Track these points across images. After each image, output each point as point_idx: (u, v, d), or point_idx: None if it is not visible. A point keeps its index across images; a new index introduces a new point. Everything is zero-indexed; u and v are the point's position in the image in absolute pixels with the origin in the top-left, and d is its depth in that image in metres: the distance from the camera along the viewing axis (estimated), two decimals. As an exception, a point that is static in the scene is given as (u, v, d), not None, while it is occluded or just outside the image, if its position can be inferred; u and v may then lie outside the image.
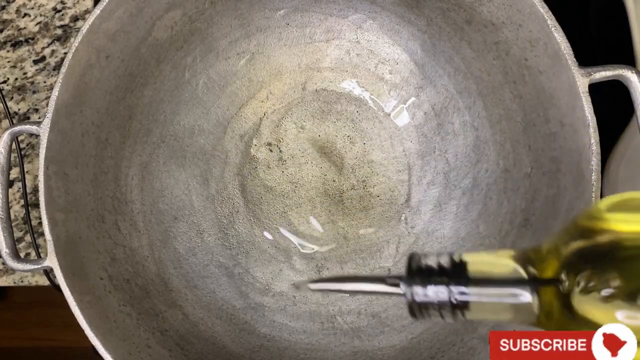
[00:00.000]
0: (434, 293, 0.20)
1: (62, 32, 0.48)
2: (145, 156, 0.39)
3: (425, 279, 0.21)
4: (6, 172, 0.33)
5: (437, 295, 0.20)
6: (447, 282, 0.20)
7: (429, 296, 0.21)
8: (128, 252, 0.37)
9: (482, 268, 0.21)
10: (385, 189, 0.41)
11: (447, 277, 0.20)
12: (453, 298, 0.20)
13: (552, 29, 0.30)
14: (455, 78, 0.39)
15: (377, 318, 0.38)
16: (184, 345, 0.36)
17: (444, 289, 0.20)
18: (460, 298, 0.20)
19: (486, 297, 0.20)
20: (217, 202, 0.41)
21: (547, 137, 0.33)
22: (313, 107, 0.42)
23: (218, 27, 0.40)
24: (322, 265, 0.41)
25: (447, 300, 0.20)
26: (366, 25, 0.41)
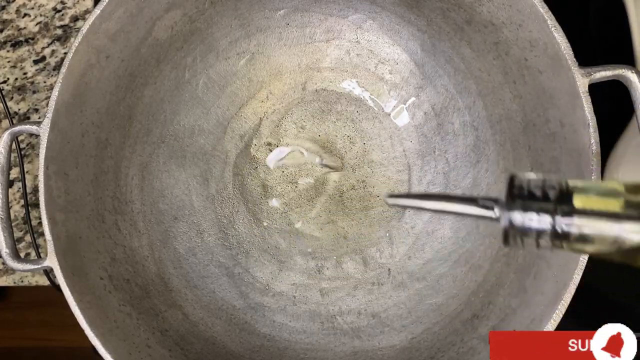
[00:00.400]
0: (537, 220, 0.19)
1: (62, 32, 0.48)
2: (145, 156, 0.39)
3: (528, 203, 0.19)
4: (6, 172, 0.33)
5: (539, 223, 0.19)
6: (552, 210, 0.19)
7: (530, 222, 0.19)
8: (128, 252, 0.37)
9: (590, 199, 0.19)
10: (385, 189, 0.41)
11: (552, 205, 0.19)
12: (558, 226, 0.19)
13: (552, 29, 0.30)
14: (455, 78, 0.39)
15: (377, 318, 0.38)
16: (184, 345, 0.36)
17: (547, 217, 0.19)
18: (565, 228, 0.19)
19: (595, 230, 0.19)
20: (217, 202, 0.41)
21: (547, 137, 0.33)
22: (313, 107, 0.42)
23: (218, 27, 0.40)
24: (322, 265, 0.41)
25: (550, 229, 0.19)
26: (366, 25, 0.41)
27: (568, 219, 0.19)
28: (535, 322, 0.29)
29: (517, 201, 0.20)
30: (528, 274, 0.33)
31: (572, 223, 0.19)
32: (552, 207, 0.19)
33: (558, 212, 0.19)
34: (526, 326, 0.30)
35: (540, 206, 0.19)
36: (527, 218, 0.19)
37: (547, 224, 0.19)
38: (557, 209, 0.19)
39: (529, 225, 0.19)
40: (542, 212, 0.19)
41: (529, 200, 0.20)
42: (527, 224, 0.19)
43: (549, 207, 0.19)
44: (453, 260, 0.38)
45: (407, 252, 0.40)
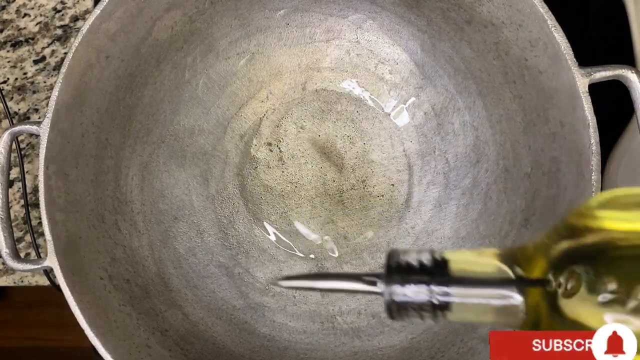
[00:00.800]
0: (413, 293, 0.19)
1: (62, 32, 0.48)
2: (145, 156, 0.39)
3: (405, 277, 0.19)
4: (6, 172, 0.33)
5: (417, 295, 0.19)
6: (428, 281, 0.19)
7: (408, 296, 0.19)
8: (128, 252, 0.37)
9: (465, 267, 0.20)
10: (385, 189, 0.41)
11: (428, 276, 0.19)
12: (434, 298, 0.19)
13: (552, 29, 0.30)
14: (455, 78, 0.39)
15: (377, 318, 0.38)
16: (184, 345, 0.36)
17: (424, 289, 0.19)
18: (441, 299, 0.19)
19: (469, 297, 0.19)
20: (217, 202, 0.41)
21: (547, 137, 0.33)
22: (313, 107, 0.42)
23: (218, 27, 0.40)
24: (322, 265, 0.41)
25: (427, 301, 0.19)
26: (366, 25, 0.41)
27: (443, 288, 0.19)
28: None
29: (395, 275, 0.19)
30: (528, 274, 0.33)
31: (447, 292, 0.19)
32: (427, 278, 0.19)
33: (433, 283, 0.19)
34: (526, 326, 0.30)
35: (416, 278, 0.19)
36: (405, 291, 0.19)
37: (425, 295, 0.19)
38: (432, 279, 0.19)
39: (408, 298, 0.19)
40: (419, 284, 0.19)
41: (407, 273, 0.19)
42: (406, 297, 0.19)
43: (425, 278, 0.19)
44: (453, 260, 0.38)
45: (407, 252, 0.40)
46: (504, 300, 0.19)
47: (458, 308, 0.19)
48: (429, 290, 0.19)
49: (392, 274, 0.20)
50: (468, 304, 0.19)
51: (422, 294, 0.19)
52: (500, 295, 0.19)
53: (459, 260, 0.20)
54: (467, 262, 0.20)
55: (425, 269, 0.20)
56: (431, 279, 0.19)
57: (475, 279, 0.19)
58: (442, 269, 0.20)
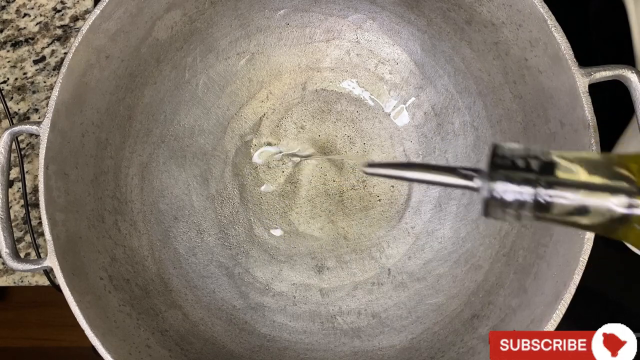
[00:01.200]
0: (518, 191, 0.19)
1: (62, 32, 0.48)
2: (145, 156, 0.39)
3: (511, 174, 0.19)
4: (6, 172, 0.33)
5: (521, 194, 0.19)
6: (534, 180, 0.19)
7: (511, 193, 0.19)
8: (128, 252, 0.37)
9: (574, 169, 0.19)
10: (385, 189, 0.41)
11: (534, 175, 0.19)
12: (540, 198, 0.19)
13: (552, 29, 0.30)
14: (455, 78, 0.39)
15: (377, 318, 0.38)
16: (184, 345, 0.36)
17: (529, 189, 0.19)
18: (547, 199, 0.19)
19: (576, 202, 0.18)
20: (217, 202, 0.41)
21: (547, 137, 0.33)
22: (313, 107, 0.42)
23: (218, 27, 0.40)
24: (322, 265, 0.41)
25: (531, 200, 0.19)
26: (366, 25, 0.41)
27: (550, 190, 0.19)
28: (535, 322, 0.29)
29: (499, 171, 0.19)
30: (528, 274, 0.33)
31: (554, 194, 0.19)
32: (534, 177, 0.19)
33: (540, 183, 0.19)
34: (526, 326, 0.30)
35: (522, 176, 0.19)
36: (508, 189, 0.19)
37: (528, 195, 0.19)
38: (539, 179, 0.19)
39: (511, 196, 0.19)
40: (524, 183, 0.19)
41: (511, 170, 0.19)
42: (509, 194, 0.19)
43: (531, 177, 0.19)
44: (453, 260, 0.38)
45: (407, 252, 0.40)
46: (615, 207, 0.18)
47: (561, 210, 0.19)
48: (534, 190, 0.19)
49: (496, 169, 0.19)
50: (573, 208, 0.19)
51: (525, 193, 0.19)
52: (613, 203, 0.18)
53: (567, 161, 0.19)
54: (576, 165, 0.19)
55: (531, 168, 0.19)
56: (538, 178, 0.19)
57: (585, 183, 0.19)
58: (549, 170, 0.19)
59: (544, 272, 0.31)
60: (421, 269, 0.39)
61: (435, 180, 0.20)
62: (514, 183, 0.19)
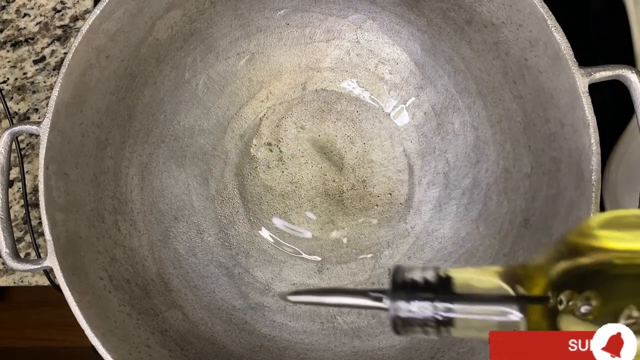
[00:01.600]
0: (418, 309, 0.20)
1: (62, 32, 0.48)
2: (145, 156, 0.39)
3: (410, 293, 0.20)
4: (6, 172, 0.33)
5: (421, 311, 0.20)
6: (432, 297, 0.20)
7: (413, 312, 0.20)
8: (128, 252, 0.37)
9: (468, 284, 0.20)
10: (385, 189, 0.41)
11: (432, 293, 0.20)
12: (438, 314, 0.20)
13: (552, 29, 0.30)
14: (455, 78, 0.39)
15: (377, 318, 0.38)
16: (184, 345, 0.36)
17: (428, 305, 0.20)
18: (445, 314, 0.20)
19: (472, 314, 0.20)
20: (217, 202, 0.41)
21: (547, 137, 0.33)
22: (313, 107, 0.42)
23: (218, 27, 0.40)
24: (322, 265, 0.41)
25: (431, 317, 0.20)
26: (366, 25, 0.41)
27: (446, 304, 0.20)
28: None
29: (399, 291, 0.20)
30: (528, 274, 0.33)
31: (451, 309, 0.20)
32: (431, 295, 0.20)
33: (437, 299, 0.20)
34: (526, 326, 0.30)
35: (421, 295, 0.20)
36: (411, 307, 0.20)
37: (429, 312, 0.20)
38: (437, 296, 0.20)
39: (413, 314, 0.20)
40: (423, 300, 0.20)
41: (411, 290, 0.20)
42: (411, 313, 0.20)
43: (429, 295, 0.20)
44: (453, 260, 0.38)
45: (407, 252, 0.40)
46: (505, 317, 0.20)
47: (461, 324, 0.20)
48: (433, 306, 0.20)
49: (397, 290, 0.20)
50: (471, 320, 0.20)
51: (426, 310, 0.20)
52: (502, 312, 0.20)
53: (462, 277, 0.20)
54: (470, 280, 0.20)
55: (429, 286, 0.20)
56: (435, 295, 0.20)
57: (477, 296, 0.20)
58: (446, 286, 0.20)
59: (544, 272, 0.31)
60: (421, 269, 0.39)
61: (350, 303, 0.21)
62: (414, 301, 0.20)
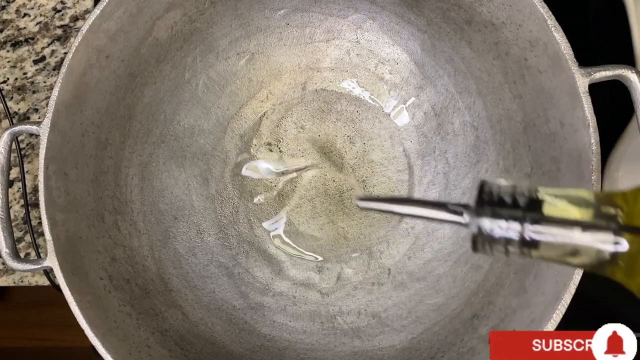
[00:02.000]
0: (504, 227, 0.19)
1: (62, 32, 0.48)
2: (145, 156, 0.39)
3: (497, 210, 0.19)
4: (6, 172, 0.33)
5: (506, 230, 0.19)
6: (521, 217, 0.19)
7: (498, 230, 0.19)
8: (128, 252, 0.37)
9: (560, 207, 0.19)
10: (385, 189, 0.41)
11: (521, 212, 0.19)
12: (527, 234, 0.19)
13: (552, 29, 0.30)
14: (455, 78, 0.39)
15: (377, 318, 0.38)
16: (184, 345, 0.36)
17: (516, 225, 0.19)
18: (534, 236, 0.19)
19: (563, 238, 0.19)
20: (217, 202, 0.41)
21: (547, 137, 0.33)
22: (313, 107, 0.42)
23: (218, 27, 0.40)
24: (322, 265, 0.41)
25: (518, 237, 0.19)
26: (366, 25, 0.41)
27: (536, 226, 0.19)
28: (535, 322, 0.29)
29: (486, 207, 0.19)
30: (528, 274, 0.33)
31: (540, 231, 0.19)
32: (520, 214, 0.19)
33: (527, 220, 0.19)
34: (526, 326, 0.30)
35: (509, 213, 0.19)
36: (495, 225, 0.19)
37: (515, 232, 0.19)
38: (525, 216, 0.19)
39: (498, 232, 0.19)
40: (511, 219, 0.19)
41: (498, 206, 0.19)
42: (496, 231, 0.19)
43: (518, 214, 0.19)
44: (453, 260, 0.38)
45: (407, 252, 0.40)
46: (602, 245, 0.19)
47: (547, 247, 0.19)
48: (521, 226, 0.19)
49: (484, 205, 0.19)
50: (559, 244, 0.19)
51: (512, 230, 0.19)
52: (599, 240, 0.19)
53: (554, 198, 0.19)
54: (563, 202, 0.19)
55: (517, 205, 0.19)
56: (524, 215, 0.19)
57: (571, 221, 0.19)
58: (536, 206, 0.19)
59: (544, 272, 0.31)
60: (421, 269, 0.39)
61: (426, 215, 0.21)
62: (501, 219, 0.19)
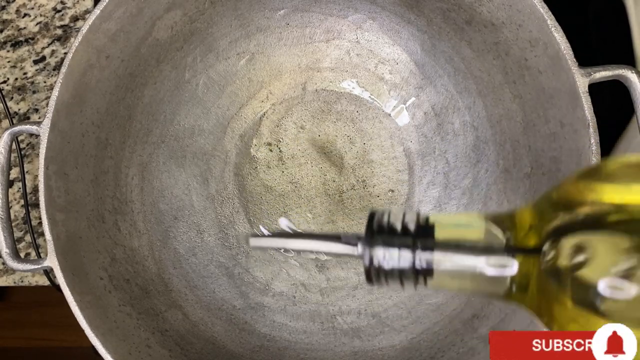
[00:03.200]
0: (396, 257, 0.18)
1: (62, 32, 0.48)
2: (145, 156, 0.39)
3: (388, 240, 0.18)
4: (6, 172, 0.33)
5: (399, 259, 0.18)
6: (412, 245, 0.18)
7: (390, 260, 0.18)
8: (128, 252, 0.37)
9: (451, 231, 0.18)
10: (385, 189, 0.41)
11: (412, 240, 0.18)
12: (418, 263, 0.18)
13: (552, 29, 0.30)
14: (455, 78, 0.39)
15: (377, 318, 0.38)
16: (184, 345, 0.36)
17: (407, 253, 0.18)
18: (426, 264, 0.18)
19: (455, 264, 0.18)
20: (217, 202, 0.41)
21: (547, 137, 0.33)
22: (313, 107, 0.42)
23: (218, 27, 0.40)
24: (322, 265, 0.41)
25: (410, 266, 0.18)
26: (366, 25, 0.41)
27: (427, 253, 0.18)
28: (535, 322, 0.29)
29: (377, 237, 0.18)
30: (528, 274, 0.33)
31: (433, 258, 0.18)
32: (411, 241, 0.18)
33: (418, 246, 0.18)
34: (526, 326, 0.30)
35: (400, 241, 0.18)
36: (388, 254, 0.18)
37: (407, 261, 0.18)
38: (417, 242, 0.18)
39: (390, 263, 0.18)
40: (403, 247, 0.18)
41: (390, 236, 0.18)
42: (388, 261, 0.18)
43: (408, 241, 0.18)
44: (453, 260, 0.38)
45: (407, 252, 0.40)
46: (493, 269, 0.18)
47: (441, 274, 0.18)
48: (412, 254, 0.18)
49: (374, 236, 0.18)
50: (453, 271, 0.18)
51: (405, 259, 0.18)
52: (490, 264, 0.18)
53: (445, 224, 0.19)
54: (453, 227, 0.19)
55: (408, 232, 0.18)
56: (415, 243, 0.18)
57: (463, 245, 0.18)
58: (427, 232, 0.18)
59: (544, 272, 0.31)
60: (421, 269, 0.39)
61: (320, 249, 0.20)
62: (393, 248, 0.18)
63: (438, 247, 0.18)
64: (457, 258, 0.18)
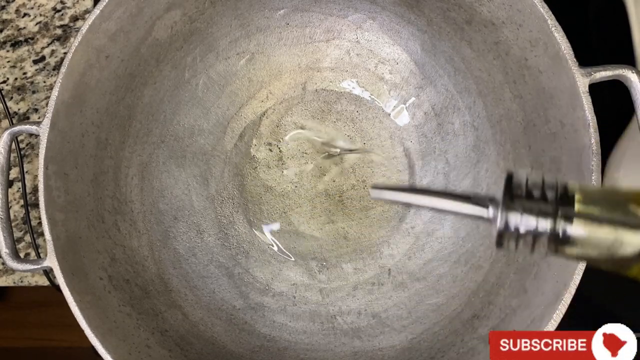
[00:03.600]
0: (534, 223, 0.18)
1: (62, 32, 0.48)
2: (145, 156, 0.39)
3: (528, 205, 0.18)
4: (6, 172, 0.33)
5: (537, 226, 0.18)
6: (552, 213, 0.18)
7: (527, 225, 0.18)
8: (128, 252, 0.37)
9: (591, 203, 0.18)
10: (385, 189, 0.41)
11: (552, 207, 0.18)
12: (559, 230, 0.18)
13: (552, 29, 0.30)
14: (455, 78, 0.39)
15: (377, 318, 0.38)
16: (184, 345, 0.36)
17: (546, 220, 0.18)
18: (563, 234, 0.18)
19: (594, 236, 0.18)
20: (217, 202, 0.41)
21: (547, 137, 0.33)
22: (313, 107, 0.42)
23: (218, 27, 0.40)
24: (323, 265, 0.41)
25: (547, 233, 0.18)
26: (366, 25, 0.41)
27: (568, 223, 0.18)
28: (535, 322, 0.29)
29: (516, 201, 0.18)
30: (528, 274, 0.33)
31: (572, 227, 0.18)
32: (551, 209, 0.18)
33: (559, 215, 0.18)
34: (526, 326, 0.30)
35: (540, 208, 0.18)
36: (524, 220, 0.18)
37: (545, 227, 0.18)
38: (557, 211, 0.18)
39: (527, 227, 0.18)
40: (542, 215, 0.18)
41: (526, 201, 0.18)
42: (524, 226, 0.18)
43: (549, 209, 0.18)
44: (453, 260, 0.38)
45: (407, 252, 0.40)
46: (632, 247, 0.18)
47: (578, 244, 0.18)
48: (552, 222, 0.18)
49: (513, 199, 0.18)
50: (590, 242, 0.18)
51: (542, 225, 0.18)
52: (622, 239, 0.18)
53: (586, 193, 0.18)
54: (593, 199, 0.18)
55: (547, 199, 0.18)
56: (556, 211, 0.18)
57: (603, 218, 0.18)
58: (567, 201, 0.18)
59: (544, 272, 0.31)
60: (421, 269, 0.39)
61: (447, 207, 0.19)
62: (531, 214, 0.18)
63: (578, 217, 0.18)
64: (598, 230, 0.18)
